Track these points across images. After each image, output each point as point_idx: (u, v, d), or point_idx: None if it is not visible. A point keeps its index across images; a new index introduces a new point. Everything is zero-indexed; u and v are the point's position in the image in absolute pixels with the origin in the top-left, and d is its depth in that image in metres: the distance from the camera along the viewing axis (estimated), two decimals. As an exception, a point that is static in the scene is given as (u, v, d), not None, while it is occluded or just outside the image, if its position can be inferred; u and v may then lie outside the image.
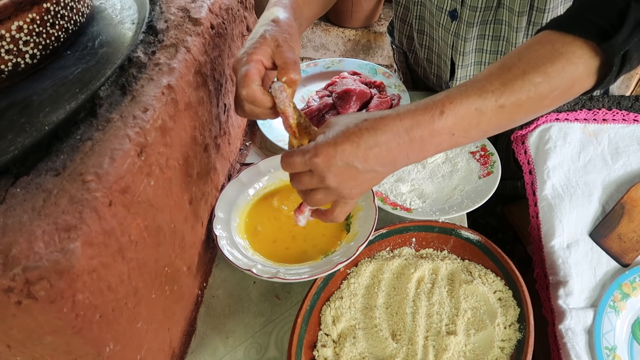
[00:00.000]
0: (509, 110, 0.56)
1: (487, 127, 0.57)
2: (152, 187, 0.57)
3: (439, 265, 0.72)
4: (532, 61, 0.56)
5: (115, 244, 0.50)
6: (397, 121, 0.55)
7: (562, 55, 0.55)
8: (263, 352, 0.69)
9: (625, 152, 0.84)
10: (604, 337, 0.70)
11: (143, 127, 0.55)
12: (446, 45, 0.95)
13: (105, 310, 0.49)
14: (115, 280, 0.50)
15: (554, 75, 0.55)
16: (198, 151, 0.71)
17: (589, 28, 0.55)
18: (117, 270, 0.50)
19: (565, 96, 0.59)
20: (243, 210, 0.81)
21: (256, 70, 0.61)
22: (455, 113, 0.55)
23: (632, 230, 0.78)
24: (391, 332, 0.66)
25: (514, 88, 0.55)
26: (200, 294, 0.76)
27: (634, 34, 0.54)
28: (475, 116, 0.55)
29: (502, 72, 0.56)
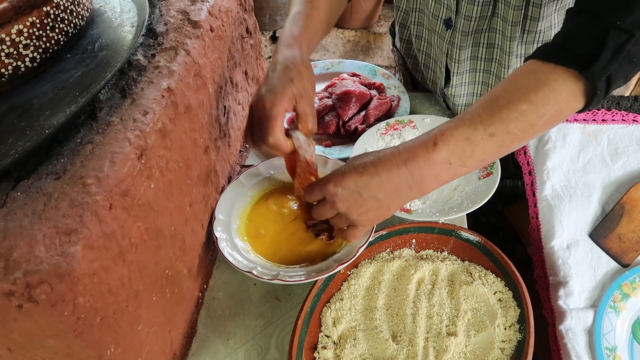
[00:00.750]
0: (501, 138, 0.60)
1: (484, 155, 0.61)
2: (152, 190, 0.57)
3: (439, 267, 0.72)
4: (517, 91, 0.59)
5: (115, 247, 0.50)
6: (396, 154, 0.62)
7: (545, 84, 0.58)
8: (264, 354, 0.69)
9: (624, 153, 0.84)
10: (604, 337, 0.70)
11: (143, 130, 0.55)
12: (441, 53, 0.95)
13: (106, 313, 0.49)
14: (116, 283, 0.50)
15: (538, 102, 0.58)
16: (198, 154, 0.71)
17: (569, 57, 0.58)
18: (117, 273, 0.50)
19: (557, 119, 0.62)
20: (243, 212, 0.81)
21: (281, 118, 0.67)
22: (447, 144, 0.60)
23: (632, 231, 0.78)
24: (392, 333, 0.66)
25: (501, 117, 0.59)
26: (200, 296, 0.76)
27: (614, 59, 0.56)
28: (467, 145, 0.60)
29: (489, 104, 0.60)
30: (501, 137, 0.60)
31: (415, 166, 0.61)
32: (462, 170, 0.63)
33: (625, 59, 0.56)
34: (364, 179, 0.62)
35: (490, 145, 0.60)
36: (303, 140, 0.70)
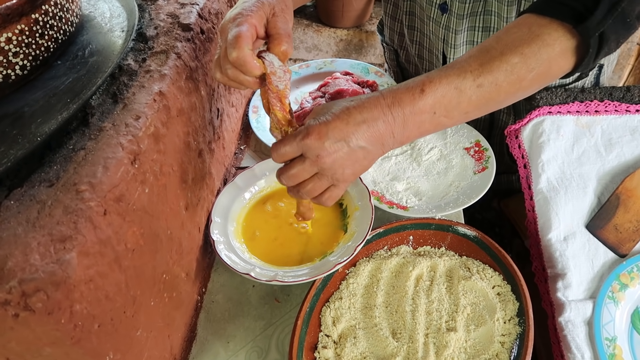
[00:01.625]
0: (488, 89, 0.58)
1: (468, 107, 0.60)
2: (147, 195, 0.57)
3: (437, 262, 0.72)
4: (509, 43, 0.58)
5: (111, 253, 0.50)
6: (381, 100, 0.58)
7: (539, 37, 0.58)
8: (264, 355, 0.69)
9: (618, 143, 0.84)
10: (603, 328, 0.70)
11: (136, 135, 0.55)
12: (437, 39, 0.95)
13: (104, 319, 0.49)
14: (113, 289, 0.50)
15: (530, 56, 0.58)
16: (192, 157, 0.71)
17: (564, 11, 0.58)
18: (114, 279, 0.50)
19: (544, 78, 0.61)
20: (240, 214, 0.81)
21: (250, 34, 0.59)
22: (435, 91, 0.58)
23: (628, 221, 0.78)
24: (391, 330, 0.66)
25: (491, 68, 0.58)
26: (199, 300, 0.76)
27: (609, 15, 0.56)
28: (455, 95, 0.58)
29: (481, 54, 0.59)
30: (488, 88, 0.58)
31: (399, 112, 0.58)
32: (444, 121, 0.60)
33: (620, 18, 0.57)
34: (350, 127, 0.57)
35: (476, 97, 0.59)
36: (277, 65, 0.61)
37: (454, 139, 0.93)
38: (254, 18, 0.60)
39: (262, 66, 0.60)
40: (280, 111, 0.62)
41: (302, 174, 0.59)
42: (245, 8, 0.61)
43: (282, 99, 0.62)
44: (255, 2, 0.62)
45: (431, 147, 0.92)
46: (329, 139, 0.56)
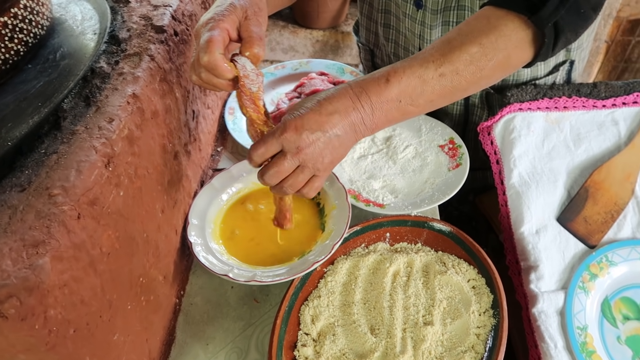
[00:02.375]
0: (450, 78, 0.62)
1: (432, 95, 0.63)
2: (121, 198, 0.57)
3: (413, 258, 0.73)
4: (469, 34, 0.62)
5: (86, 257, 0.49)
6: (349, 90, 0.61)
7: (496, 28, 0.61)
8: (244, 356, 0.69)
9: (586, 138, 0.87)
10: (575, 317, 0.72)
11: (109, 138, 0.55)
12: (413, 36, 0.96)
13: (79, 324, 0.49)
14: (88, 293, 0.50)
15: (488, 46, 0.61)
16: (168, 159, 0.71)
17: (520, 3, 0.61)
18: (89, 283, 0.50)
19: (505, 67, 0.64)
20: (217, 216, 0.81)
21: (221, 38, 0.61)
22: (399, 81, 0.61)
23: (597, 213, 0.80)
24: (370, 326, 0.67)
25: (452, 58, 0.61)
26: (178, 303, 0.75)
27: (560, 7, 0.60)
28: (418, 84, 0.61)
29: (443, 45, 0.62)
30: (450, 77, 0.62)
31: (367, 101, 0.61)
32: (411, 109, 0.63)
33: (573, 8, 0.60)
34: (323, 117, 0.59)
35: (439, 85, 0.62)
36: (250, 69, 0.62)
37: (429, 137, 0.94)
38: (226, 22, 0.62)
39: (234, 69, 0.62)
40: (254, 112, 0.63)
41: (285, 169, 0.61)
42: (218, 12, 0.63)
43: (255, 101, 0.63)
44: (227, 6, 0.63)
45: (406, 145, 0.93)
46: (306, 130, 0.59)
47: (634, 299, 0.75)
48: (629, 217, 0.81)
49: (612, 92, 0.90)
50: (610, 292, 0.75)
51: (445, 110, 1.04)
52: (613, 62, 2.23)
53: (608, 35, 2.16)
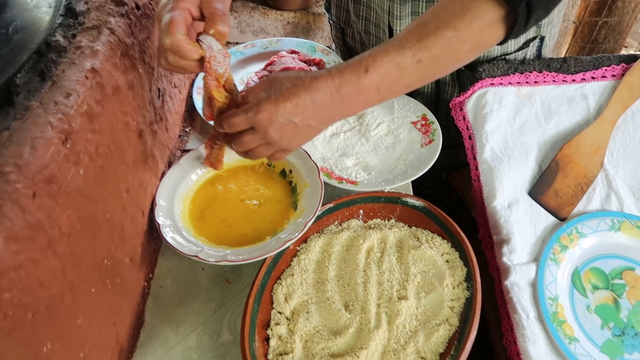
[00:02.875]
0: (427, 64, 0.62)
1: (410, 80, 0.63)
2: (82, 176, 0.54)
3: (387, 234, 0.73)
4: (444, 17, 0.61)
5: (43, 237, 0.47)
6: (329, 81, 0.60)
7: (470, 10, 0.60)
8: (216, 337, 0.68)
9: (557, 112, 0.87)
10: (546, 288, 0.73)
11: (66, 114, 0.52)
12: (383, 12, 0.95)
13: (38, 308, 0.46)
14: (47, 276, 0.47)
15: (463, 29, 0.60)
16: (132, 137, 0.68)
17: None
18: (48, 265, 0.47)
19: (479, 47, 0.65)
20: (186, 197, 0.79)
21: (182, 18, 0.59)
22: (378, 70, 0.60)
23: (567, 186, 0.81)
24: (344, 303, 0.67)
25: (428, 43, 0.61)
26: (146, 286, 0.73)
27: None
28: (396, 72, 0.61)
29: (418, 29, 0.62)
30: (427, 63, 0.62)
31: (347, 92, 0.61)
32: (389, 95, 0.64)
33: None
34: (299, 108, 0.59)
35: (416, 71, 0.62)
36: (217, 49, 0.61)
37: (401, 114, 0.93)
38: (187, 1, 0.60)
39: (200, 50, 0.61)
40: (216, 90, 0.63)
41: (252, 143, 0.63)
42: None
43: (219, 80, 0.63)
44: None
45: (379, 123, 0.92)
46: (279, 118, 0.59)
47: (603, 269, 0.76)
48: (597, 189, 0.82)
49: (582, 66, 0.91)
50: (580, 263, 0.77)
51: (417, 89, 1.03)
52: (580, 43, 2.26)
53: (576, 16, 2.19)
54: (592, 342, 0.70)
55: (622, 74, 0.89)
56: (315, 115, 0.61)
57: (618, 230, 0.78)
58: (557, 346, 0.69)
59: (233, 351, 0.66)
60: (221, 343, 0.67)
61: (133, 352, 0.67)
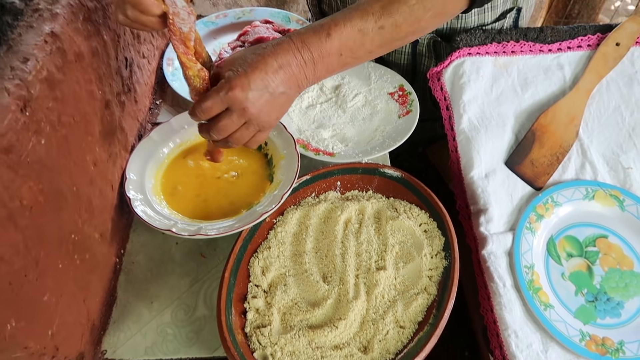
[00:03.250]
0: (389, 30, 0.62)
1: (371, 47, 0.63)
2: (43, 147, 0.51)
3: (364, 205, 0.72)
4: None
5: (2, 210, 0.44)
6: (292, 44, 0.60)
7: None
8: (191, 312, 0.67)
9: (533, 82, 0.87)
10: (522, 257, 0.74)
11: (24, 79, 0.49)
12: None
13: (0, 284, 0.44)
14: (9, 250, 0.45)
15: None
16: (98, 108, 0.65)
17: None
18: (9, 239, 0.45)
19: (442, 16, 0.66)
20: (158, 170, 0.76)
21: None
22: (340, 35, 0.61)
23: (543, 155, 0.81)
24: (322, 275, 0.66)
25: (391, 10, 0.61)
26: (118, 262, 0.71)
27: None
28: (359, 37, 0.61)
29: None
30: (389, 30, 0.62)
31: (309, 55, 0.60)
32: (351, 61, 0.64)
33: None
34: (269, 75, 0.58)
35: (378, 37, 0.62)
36: (181, 6, 0.58)
37: (378, 85, 0.92)
38: None
39: (162, 4, 0.57)
40: (184, 55, 0.59)
41: (231, 126, 0.60)
42: None
43: (186, 42, 0.59)
44: None
45: (356, 94, 0.90)
46: (252, 89, 0.57)
47: (577, 237, 0.77)
48: (572, 159, 0.83)
49: (558, 36, 0.90)
50: (555, 232, 0.77)
51: (393, 60, 1.01)
52: (555, 18, 2.27)
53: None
54: (566, 308, 0.71)
55: (597, 44, 0.89)
56: (285, 80, 0.60)
57: (592, 199, 0.79)
58: (532, 313, 0.70)
59: (209, 325, 0.65)
60: (197, 317, 0.66)
61: (105, 329, 0.65)
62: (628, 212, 0.77)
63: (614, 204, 0.78)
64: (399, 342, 0.59)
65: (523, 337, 0.68)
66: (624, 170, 0.81)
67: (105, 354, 0.63)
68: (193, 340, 0.64)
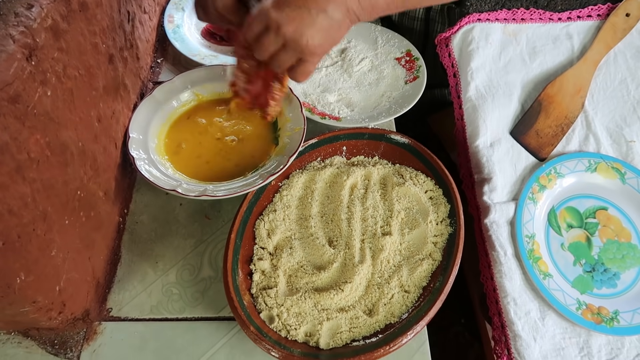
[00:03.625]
0: None
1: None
2: (49, 98, 0.49)
3: (370, 171, 0.71)
4: None
5: (11, 161, 0.43)
6: None
7: None
8: (196, 272, 0.67)
9: (541, 52, 0.86)
10: (524, 226, 0.74)
11: (29, 27, 0.47)
12: None
13: (9, 236, 0.43)
14: (17, 203, 0.44)
15: None
16: (102, 61, 0.63)
17: None
18: (17, 191, 0.44)
19: None
20: (161, 130, 0.75)
21: None
22: None
23: (548, 126, 0.81)
24: (328, 239, 0.66)
25: None
26: (121, 221, 0.70)
27: None
28: None
29: None
30: None
31: None
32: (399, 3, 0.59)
33: None
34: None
35: None
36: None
37: (385, 50, 0.90)
38: None
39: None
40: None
41: (269, 45, 0.55)
42: None
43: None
44: None
45: (362, 58, 0.89)
46: (288, 6, 0.53)
47: (578, 208, 0.78)
48: (577, 130, 0.83)
49: (569, 5, 0.89)
50: (557, 202, 0.78)
51: (406, 25, 0.99)
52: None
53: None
54: (565, 277, 0.72)
55: (607, 14, 0.88)
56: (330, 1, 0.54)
57: (594, 171, 0.79)
58: (532, 281, 0.71)
59: (215, 286, 0.65)
60: (202, 278, 0.66)
61: (110, 288, 0.65)
62: (629, 185, 0.78)
63: (615, 176, 0.79)
64: (403, 306, 0.60)
65: (522, 304, 0.69)
66: (626, 143, 0.81)
67: (110, 311, 0.63)
68: (199, 301, 0.64)
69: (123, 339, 0.61)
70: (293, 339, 0.57)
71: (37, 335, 0.60)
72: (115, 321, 0.63)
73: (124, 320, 0.63)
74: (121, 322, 0.63)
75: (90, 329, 0.62)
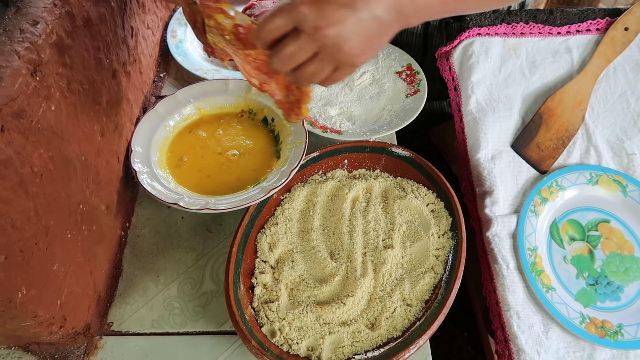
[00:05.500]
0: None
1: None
2: (53, 113, 0.50)
3: (372, 184, 0.72)
4: None
5: (14, 176, 0.43)
6: None
7: None
8: (198, 286, 0.66)
9: (541, 65, 0.86)
10: (526, 239, 0.74)
11: (34, 43, 0.48)
12: None
13: (12, 251, 0.43)
14: (20, 217, 0.44)
15: None
16: (105, 76, 0.63)
17: None
18: (20, 206, 0.44)
19: None
20: (163, 144, 0.75)
21: None
22: None
23: (549, 139, 0.81)
24: (329, 252, 0.66)
25: None
26: (123, 235, 0.70)
27: None
28: None
29: None
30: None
31: None
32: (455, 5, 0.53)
33: None
34: None
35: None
36: None
37: (386, 63, 0.91)
38: None
39: None
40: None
41: (299, 53, 0.45)
42: None
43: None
44: None
45: (363, 72, 0.89)
46: (331, 4, 0.42)
47: (580, 220, 0.78)
48: (577, 143, 0.83)
49: (567, 19, 0.90)
50: (559, 215, 0.78)
51: (405, 40, 1.00)
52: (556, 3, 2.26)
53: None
54: (568, 290, 0.72)
55: (606, 28, 0.89)
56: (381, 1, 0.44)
57: (596, 183, 0.79)
58: (534, 294, 0.70)
59: (216, 300, 0.65)
60: (204, 292, 0.66)
61: (112, 302, 0.65)
62: (630, 197, 0.78)
63: (617, 189, 0.79)
64: (405, 320, 0.60)
65: (525, 318, 0.69)
66: (627, 156, 0.81)
67: (111, 325, 0.63)
68: (200, 315, 0.64)
69: (124, 353, 0.61)
70: (295, 353, 0.57)
71: (38, 350, 0.60)
72: (116, 335, 0.62)
73: (125, 335, 0.63)
74: (122, 336, 0.62)
75: (91, 343, 0.61)
